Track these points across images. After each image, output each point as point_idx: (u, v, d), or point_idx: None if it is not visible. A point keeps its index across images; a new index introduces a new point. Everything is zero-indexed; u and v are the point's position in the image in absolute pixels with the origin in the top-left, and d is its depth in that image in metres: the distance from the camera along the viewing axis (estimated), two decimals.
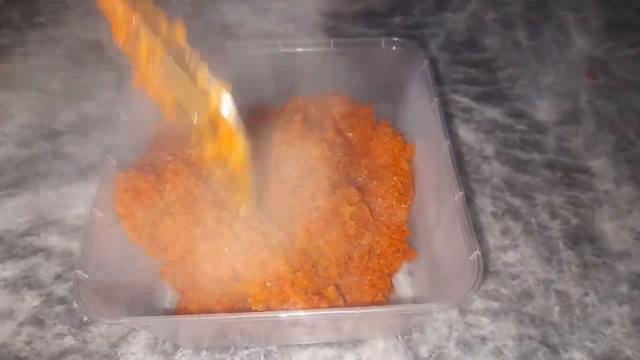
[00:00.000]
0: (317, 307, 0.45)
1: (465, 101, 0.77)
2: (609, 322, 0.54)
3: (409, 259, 0.52)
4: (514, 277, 0.57)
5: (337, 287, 0.48)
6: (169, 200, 0.50)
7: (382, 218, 0.55)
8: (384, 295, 0.50)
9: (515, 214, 0.63)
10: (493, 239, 0.61)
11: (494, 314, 0.54)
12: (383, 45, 0.61)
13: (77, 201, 0.64)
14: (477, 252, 0.42)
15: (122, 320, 0.38)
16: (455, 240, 0.46)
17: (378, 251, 0.53)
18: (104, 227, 0.47)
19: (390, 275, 0.52)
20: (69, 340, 0.52)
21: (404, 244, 0.54)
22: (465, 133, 0.73)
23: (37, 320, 0.53)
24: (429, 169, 0.56)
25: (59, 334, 0.52)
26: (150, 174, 0.51)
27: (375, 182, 0.56)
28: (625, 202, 0.65)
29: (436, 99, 0.54)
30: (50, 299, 0.55)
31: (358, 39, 0.63)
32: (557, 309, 0.55)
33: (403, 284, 0.55)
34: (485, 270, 0.42)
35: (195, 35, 0.42)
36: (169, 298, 0.54)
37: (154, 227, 0.49)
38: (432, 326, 0.53)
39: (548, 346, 0.52)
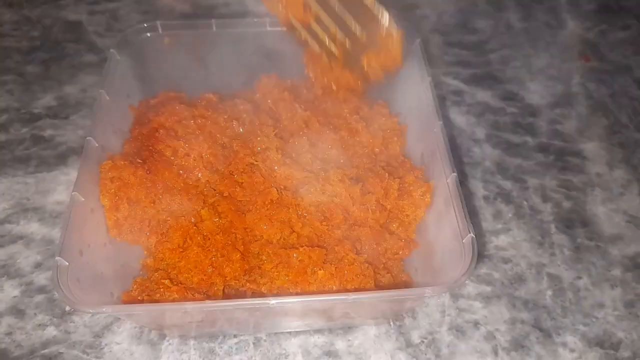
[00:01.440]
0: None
1: (456, 84, 0.76)
2: (601, 306, 0.53)
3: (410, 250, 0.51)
4: (506, 261, 0.57)
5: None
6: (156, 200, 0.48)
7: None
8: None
9: (506, 198, 0.62)
10: (485, 222, 0.60)
11: (487, 299, 0.54)
12: None
13: (57, 187, 0.62)
14: (472, 234, 0.41)
15: (104, 309, 0.36)
16: (449, 223, 0.44)
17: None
18: (85, 212, 0.45)
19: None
20: (51, 331, 0.50)
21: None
22: (456, 116, 0.72)
23: (17, 311, 0.51)
24: (421, 151, 0.54)
25: (40, 325, 0.50)
26: (139, 167, 0.49)
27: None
28: (617, 186, 0.64)
29: (429, 79, 0.53)
30: (31, 288, 0.53)
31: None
32: (549, 292, 0.54)
33: None
34: (479, 254, 0.41)
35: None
36: None
37: (136, 223, 0.47)
38: (424, 311, 0.52)
39: (541, 330, 0.51)
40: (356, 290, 0.43)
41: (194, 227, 0.47)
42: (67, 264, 0.39)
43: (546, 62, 0.80)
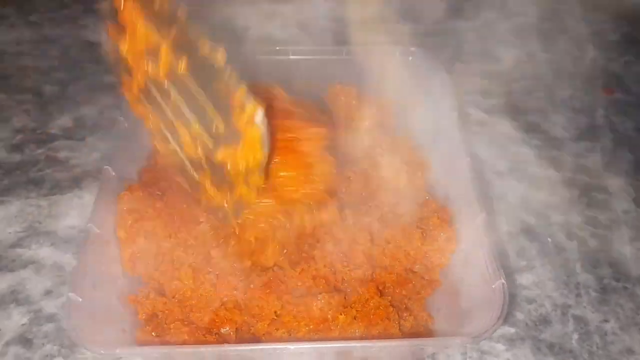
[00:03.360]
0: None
1: (477, 114, 0.75)
2: (630, 351, 0.51)
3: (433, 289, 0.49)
4: (530, 301, 0.55)
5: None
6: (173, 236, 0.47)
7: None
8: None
9: (530, 234, 0.60)
10: (508, 259, 0.58)
11: (510, 341, 0.51)
12: (398, 55, 0.58)
13: (71, 210, 0.60)
14: (502, 280, 0.39)
15: (117, 351, 0.35)
16: (477, 265, 0.43)
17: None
18: (100, 245, 0.43)
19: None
20: None
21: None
22: (478, 147, 0.70)
23: (24, 340, 0.50)
24: (447, 185, 0.53)
25: (47, 355, 0.49)
26: (157, 199, 0.48)
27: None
28: None
29: (455, 113, 0.51)
30: (39, 316, 0.51)
31: (372, 48, 0.60)
32: (575, 336, 0.52)
33: None
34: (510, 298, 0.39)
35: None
36: None
37: (151, 257, 0.46)
38: (445, 352, 0.50)
39: None
40: (380, 334, 0.41)
41: (207, 266, 0.46)
42: (80, 299, 0.38)
43: (569, 94, 0.78)
